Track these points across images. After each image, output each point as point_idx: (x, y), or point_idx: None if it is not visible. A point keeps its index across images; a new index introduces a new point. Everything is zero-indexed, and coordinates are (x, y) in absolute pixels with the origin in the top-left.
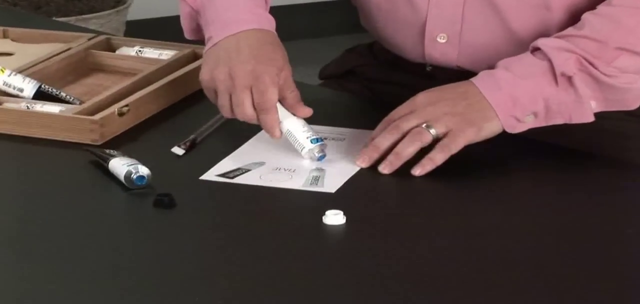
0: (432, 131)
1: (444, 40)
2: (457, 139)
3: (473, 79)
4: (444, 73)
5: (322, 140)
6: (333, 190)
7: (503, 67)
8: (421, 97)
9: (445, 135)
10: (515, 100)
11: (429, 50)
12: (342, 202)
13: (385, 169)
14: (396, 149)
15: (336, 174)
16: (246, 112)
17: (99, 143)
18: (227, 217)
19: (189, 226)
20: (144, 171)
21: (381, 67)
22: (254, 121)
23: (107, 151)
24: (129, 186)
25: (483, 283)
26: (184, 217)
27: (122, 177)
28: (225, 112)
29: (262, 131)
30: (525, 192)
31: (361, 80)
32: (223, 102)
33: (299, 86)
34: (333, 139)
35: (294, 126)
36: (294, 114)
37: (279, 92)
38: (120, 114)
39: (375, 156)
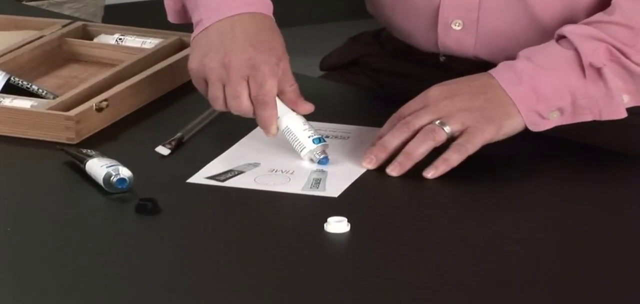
0: (447, 129)
1: (459, 28)
2: (475, 138)
3: (492, 71)
4: (459, 64)
5: (325, 140)
6: (336, 194)
7: (525, 58)
8: (434, 91)
9: (461, 133)
10: (539, 94)
11: (442, 39)
12: (345, 208)
13: (394, 171)
14: (406, 149)
15: (339, 177)
16: (242, 105)
17: (74, 142)
18: (218, 225)
19: (175, 234)
20: (125, 173)
21: (389, 57)
22: (250, 116)
23: (84, 150)
24: (108, 189)
25: (504, 298)
26: (169, 225)
27: (100, 180)
28: (218, 105)
29: (257, 128)
30: (549, 197)
31: (367, 71)
32: (215, 94)
33: (297, 78)
34: (335, 137)
35: (293, 123)
36: (294, 110)
37: (279, 85)
38: (99, 109)
39: (383, 156)
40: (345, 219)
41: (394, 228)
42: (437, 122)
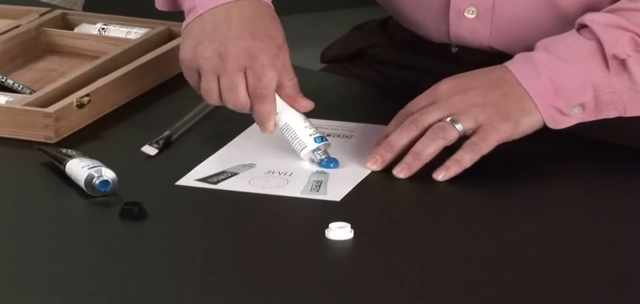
0: (459, 127)
1: (473, 16)
2: (489, 137)
3: (508, 64)
4: (472, 55)
5: (327, 140)
6: (338, 198)
7: (543, 49)
8: (445, 85)
9: (474, 131)
10: (559, 89)
11: (454, 28)
12: (348, 213)
13: (401, 172)
14: (415, 149)
15: (342, 179)
16: (239, 98)
17: (53, 141)
18: (209, 232)
19: (163, 241)
20: (108, 174)
21: (397, 48)
22: (247, 110)
23: (64, 150)
24: (90, 193)
25: None
26: (156, 231)
27: (82, 183)
28: (211, 98)
29: (253, 126)
30: (569, 201)
31: (372, 64)
32: (209, 86)
33: (296, 70)
34: (338, 136)
35: (293, 120)
36: (292, 107)
37: (277, 78)
38: (80, 105)
39: (389, 156)
40: (348, 225)
41: (401, 235)
42: (449, 119)
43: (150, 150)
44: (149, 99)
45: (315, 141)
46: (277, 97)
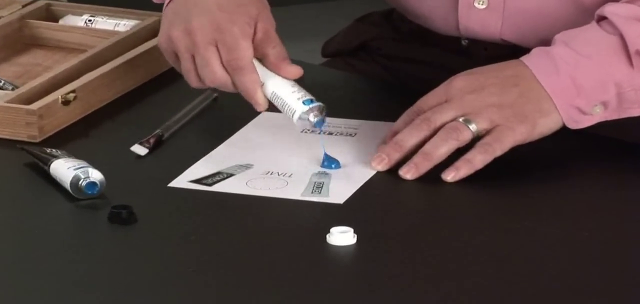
0: (472, 127)
1: (483, 6)
2: (504, 139)
3: (524, 59)
4: (483, 48)
5: (319, 103)
6: (340, 200)
7: (562, 43)
8: (458, 82)
9: (488, 132)
10: (579, 87)
11: (464, 20)
12: (351, 217)
13: (409, 173)
14: (425, 149)
15: (344, 180)
16: (216, 74)
17: (37, 140)
18: (204, 237)
19: (154, 247)
20: (95, 175)
21: (403, 41)
22: (229, 87)
23: (49, 150)
24: (76, 195)
25: None
26: (147, 236)
27: (67, 185)
28: (191, 80)
29: (249, 124)
30: (589, 204)
31: (376, 57)
32: (186, 66)
33: (297, 64)
34: (340, 134)
35: (280, 86)
36: (279, 75)
37: (259, 49)
38: (65, 102)
39: (397, 156)
40: (351, 230)
41: (407, 240)
42: (462, 119)
43: (140, 150)
44: (139, 95)
45: (304, 104)
46: (261, 66)
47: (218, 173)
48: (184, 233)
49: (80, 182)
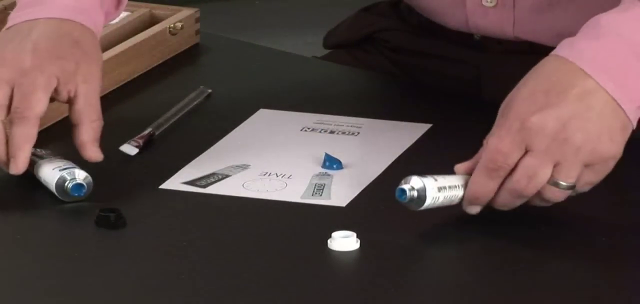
0: (563, 185)
1: (492, 4)
2: (596, 176)
3: (577, 61)
4: (498, 44)
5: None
6: (343, 203)
7: (615, 34)
8: (535, 121)
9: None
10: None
11: (473, 18)
12: (354, 221)
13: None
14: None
15: (347, 182)
16: None
17: None
18: (197, 242)
19: (144, 252)
20: (81, 176)
21: (410, 33)
22: None
23: (33, 149)
24: (62, 197)
25: None
26: (136, 241)
27: (52, 187)
28: None
29: (246, 122)
30: (613, 209)
31: (383, 50)
32: None
33: (295, 58)
34: (343, 133)
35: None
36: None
37: (76, 116)
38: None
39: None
40: (354, 235)
41: (413, 246)
42: (555, 183)
43: (129, 149)
44: (129, 91)
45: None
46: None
47: (213, 174)
48: (176, 238)
49: (66, 184)
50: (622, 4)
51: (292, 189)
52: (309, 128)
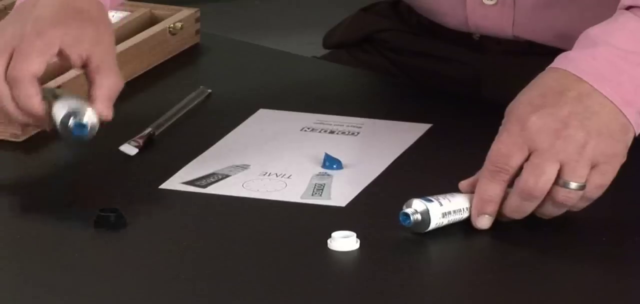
0: (573, 186)
1: (492, 2)
2: (604, 182)
3: (572, 69)
4: (497, 44)
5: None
6: (343, 203)
7: (604, 44)
8: (534, 122)
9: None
10: (637, 87)
11: (473, 17)
12: (354, 220)
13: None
14: (537, 214)
15: (347, 182)
16: (2, 96)
17: (20, 139)
18: (197, 242)
19: (144, 252)
20: (89, 117)
21: (410, 33)
22: (6, 102)
23: (53, 90)
24: (63, 136)
25: None
26: (136, 242)
27: (58, 122)
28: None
29: (246, 122)
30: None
31: (383, 50)
32: None
33: (294, 58)
34: (342, 133)
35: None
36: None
37: (91, 75)
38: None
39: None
40: (354, 235)
41: (413, 246)
42: (562, 183)
43: (129, 149)
44: (128, 91)
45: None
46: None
47: (212, 174)
48: (176, 238)
49: (69, 122)
50: (614, 15)
51: (292, 189)
52: (309, 128)
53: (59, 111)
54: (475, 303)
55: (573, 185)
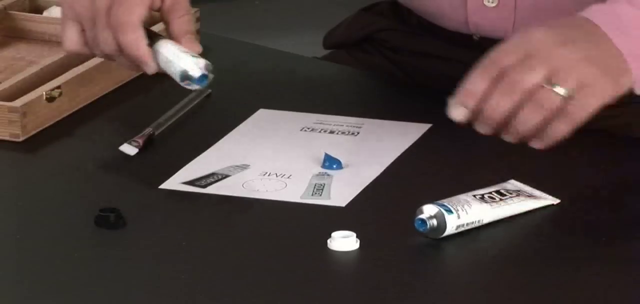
0: (561, 91)
1: (493, 4)
2: (589, 105)
3: (588, 15)
4: (498, 44)
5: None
6: (343, 203)
7: (626, 1)
8: (539, 34)
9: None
10: None
11: (474, 18)
12: (354, 221)
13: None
14: (514, 127)
15: (347, 182)
16: (107, 42)
17: (20, 139)
18: (197, 242)
19: (144, 252)
20: (205, 66)
21: (410, 33)
22: (114, 52)
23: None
24: (182, 84)
25: None
26: (136, 241)
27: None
28: (100, 53)
29: (246, 122)
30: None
31: (383, 50)
32: (93, 41)
33: (294, 58)
34: (343, 133)
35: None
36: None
37: (165, 16)
38: (50, 99)
39: (486, 130)
40: (354, 235)
41: (413, 246)
42: (548, 83)
43: (129, 149)
44: (128, 91)
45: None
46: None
47: (212, 174)
48: (176, 238)
49: (192, 76)
50: None
51: (292, 189)
52: (308, 128)
53: (170, 59)
54: (475, 302)
55: (560, 90)
